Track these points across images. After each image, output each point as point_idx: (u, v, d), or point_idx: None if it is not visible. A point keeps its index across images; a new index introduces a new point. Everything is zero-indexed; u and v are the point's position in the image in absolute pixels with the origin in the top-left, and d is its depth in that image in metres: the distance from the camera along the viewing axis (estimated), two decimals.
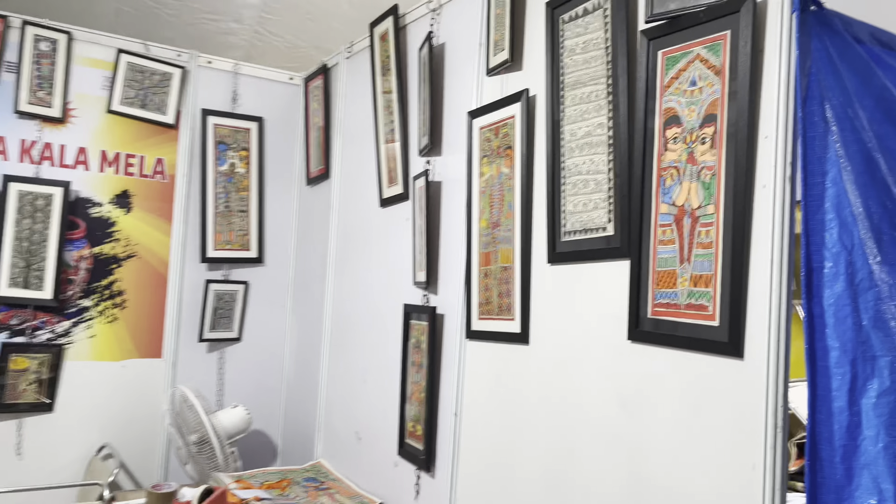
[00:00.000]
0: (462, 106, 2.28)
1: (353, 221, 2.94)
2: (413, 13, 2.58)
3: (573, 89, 1.79)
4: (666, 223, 1.51)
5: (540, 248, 1.89)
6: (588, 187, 1.74)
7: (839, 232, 1.26)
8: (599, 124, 1.71)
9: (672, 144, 1.50)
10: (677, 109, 1.50)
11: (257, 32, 4.58)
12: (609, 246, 1.66)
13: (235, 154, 3.37)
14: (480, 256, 2.11)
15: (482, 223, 2.10)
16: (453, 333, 2.23)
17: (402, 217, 2.58)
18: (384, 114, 2.70)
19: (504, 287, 2.00)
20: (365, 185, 2.87)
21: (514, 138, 1.99)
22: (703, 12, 1.43)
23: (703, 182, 1.43)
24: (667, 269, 1.50)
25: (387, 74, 2.67)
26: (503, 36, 2.05)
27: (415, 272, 2.44)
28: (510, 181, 2.00)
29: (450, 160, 2.34)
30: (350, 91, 3.05)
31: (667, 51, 1.52)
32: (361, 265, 2.85)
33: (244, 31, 4.59)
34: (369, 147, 2.83)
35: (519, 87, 2.01)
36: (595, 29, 1.73)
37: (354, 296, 2.88)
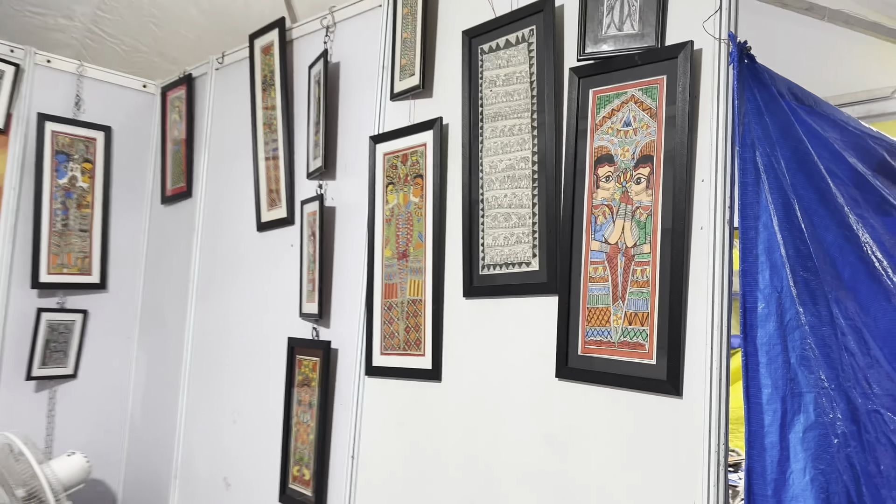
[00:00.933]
0: (360, 129, 2.18)
1: (222, 245, 2.70)
2: (302, 28, 2.44)
3: (494, 121, 1.76)
4: (597, 260, 1.51)
5: (455, 281, 1.83)
6: (510, 221, 1.71)
7: (770, 274, 1.33)
8: (523, 158, 1.69)
9: (604, 183, 1.52)
10: (610, 148, 1.51)
11: (91, 32, 4.13)
12: (534, 281, 1.64)
13: (77, 166, 2.97)
14: (384, 287, 2.00)
15: (386, 253, 2.01)
16: (349, 369, 2.09)
17: (285, 243, 2.41)
18: (265, 131, 2.51)
19: (412, 321, 1.91)
20: (238, 207, 2.64)
21: (425, 167, 1.92)
22: (638, 56, 1.47)
23: (637, 221, 1.45)
24: (599, 307, 1.50)
25: (269, 90, 2.50)
26: (412, 61, 1.99)
27: (302, 303, 2.27)
28: (420, 210, 1.92)
29: (346, 185, 2.21)
30: (220, 104, 2.82)
31: (599, 90, 1.54)
32: (233, 294, 2.61)
33: (75, 29, 4.11)
34: (245, 166, 2.62)
35: (430, 114, 1.95)
36: (518, 62, 1.72)
37: (223, 327, 2.63)
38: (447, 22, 1.96)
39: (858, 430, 1.42)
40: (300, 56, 2.45)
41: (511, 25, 1.73)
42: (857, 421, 1.42)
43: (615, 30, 1.52)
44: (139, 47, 4.23)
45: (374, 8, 2.19)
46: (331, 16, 2.31)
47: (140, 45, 4.22)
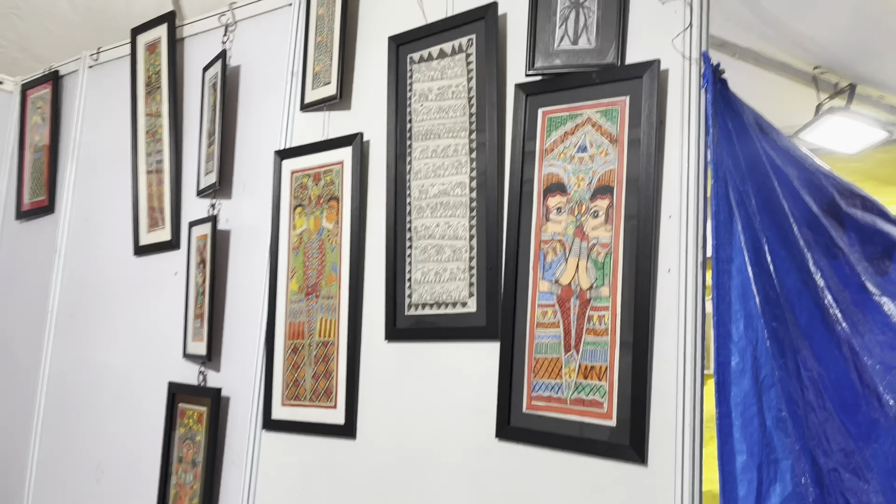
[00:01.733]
0: (263, 142, 1.90)
1: (90, 271, 2.31)
2: (196, 25, 2.14)
3: (424, 140, 1.55)
4: (547, 303, 1.32)
5: (375, 321, 1.59)
6: (443, 254, 1.49)
7: (745, 324, 1.19)
8: (459, 183, 1.49)
9: (555, 215, 1.33)
10: (561, 176, 1.34)
11: None
12: (470, 325, 1.43)
13: None
14: (288, 326, 1.73)
15: (292, 286, 1.73)
16: (243, 422, 1.79)
17: (168, 270, 2.07)
18: (148, 140, 2.17)
19: (322, 367, 1.65)
20: (111, 226, 2.27)
21: (341, 188, 1.67)
22: (596, 73, 1.30)
23: (594, 260, 1.28)
24: (548, 357, 1.31)
25: (154, 93, 2.16)
26: (327, 67, 1.74)
27: (187, 342, 1.94)
28: (335, 238, 1.67)
29: (244, 205, 1.92)
30: (93, 107, 2.44)
31: (549, 110, 1.36)
32: (102, 328, 2.22)
33: None
34: (121, 178, 2.26)
35: (348, 128, 1.70)
36: (454, 75, 1.52)
37: (89, 367, 2.23)
38: (370, 25, 1.74)
39: (822, 493, 1.30)
40: (193, 56, 2.14)
41: (446, 33, 1.53)
42: (821, 484, 1.30)
43: (569, 43, 1.35)
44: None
45: (283, 7, 1.94)
46: (231, 13, 2.03)
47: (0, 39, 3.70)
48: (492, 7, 1.46)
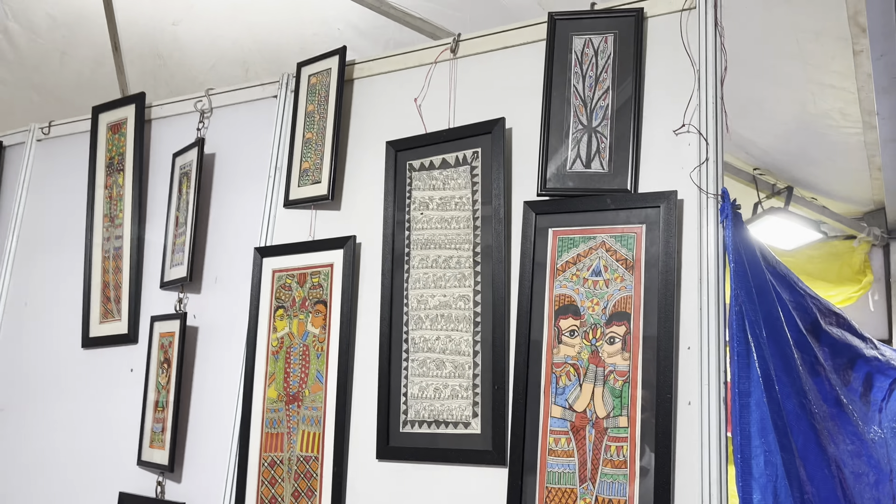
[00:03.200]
0: (239, 236, 1.81)
1: (27, 361, 2.10)
2: (169, 108, 2.05)
3: (424, 249, 1.51)
4: (560, 430, 1.29)
5: (364, 436, 1.50)
6: (444, 369, 1.44)
7: (764, 460, 1.19)
8: (462, 296, 1.45)
9: (568, 338, 1.31)
10: (574, 298, 1.32)
11: None
12: (474, 447, 1.37)
13: None
14: (264, 437, 1.61)
15: (270, 393, 1.63)
16: None
17: (123, 366, 1.91)
18: (105, 224, 2.04)
19: (304, 483, 1.54)
20: (56, 313, 2.09)
21: (329, 292, 1.61)
22: (611, 198, 1.31)
23: (611, 388, 1.26)
24: (562, 487, 1.26)
25: (116, 175, 2.04)
26: (317, 166, 1.70)
27: (143, 448, 1.78)
28: (321, 345, 1.59)
29: (214, 301, 1.81)
30: (40, 184, 2.27)
31: (561, 231, 1.36)
32: (38, 427, 2.01)
33: None
34: (70, 264, 2.10)
35: (337, 229, 1.65)
36: (458, 186, 1.50)
37: (21, 472, 2.00)
38: (364, 127, 1.71)
39: None
40: (160, 140, 2.04)
41: (450, 144, 1.52)
42: None
43: (581, 166, 1.36)
44: None
45: (266, 98, 1.89)
46: (207, 99, 1.96)
47: None
48: (499, 122, 1.46)
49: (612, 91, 1.37)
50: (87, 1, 2.99)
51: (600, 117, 1.36)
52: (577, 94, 1.39)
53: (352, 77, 1.74)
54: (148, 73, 3.30)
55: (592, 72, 1.39)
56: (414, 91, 1.64)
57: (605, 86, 1.37)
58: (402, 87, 1.67)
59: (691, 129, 1.29)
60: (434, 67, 1.63)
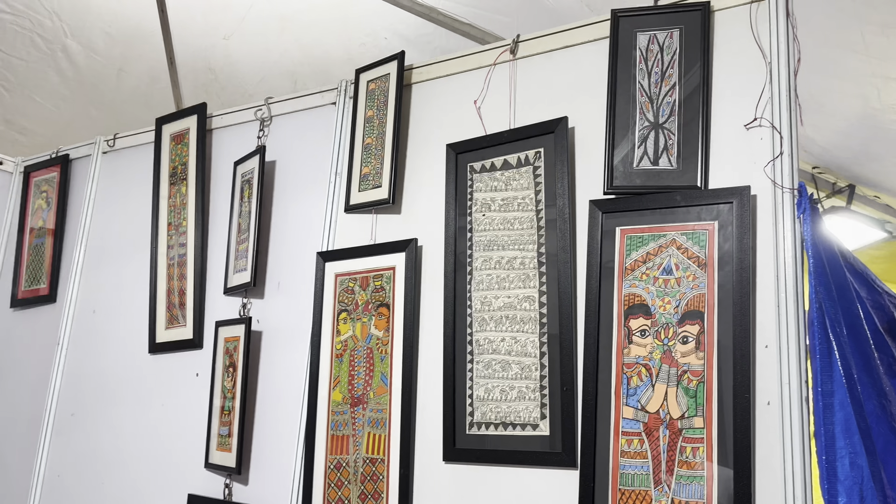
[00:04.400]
0: (301, 242, 1.84)
1: (97, 367, 2.17)
2: (230, 117, 2.09)
3: (487, 250, 1.51)
4: (632, 431, 1.26)
5: (430, 439, 1.50)
6: (509, 371, 1.43)
7: (850, 462, 1.15)
8: (527, 297, 1.44)
9: (639, 338, 1.29)
10: (645, 297, 1.30)
11: None
12: (543, 449, 1.36)
13: None
14: (329, 440, 1.62)
15: (335, 396, 1.64)
16: None
17: (189, 371, 1.95)
18: (170, 232, 2.09)
19: (370, 486, 1.54)
20: (122, 321, 2.15)
21: (392, 295, 1.61)
22: (680, 195, 1.29)
23: (685, 388, 1.23)
24: (635, 489, 1.24)
25: (180, 184, 2.09)
26: (377, 171, 1.71)
27: (210, 451, 1.82)
28: (385, 347, 1.60)
29: (277, 306, 1.84)
30: (106, 194, 2.34)
31: (629, 229, 1.34)
32: (108, 430, 2.07)
33: None
34: (135, 270, 2.16)
35: (398, 233, 1.66)
36: (520, 187, 1.49)
37: (92, 473, 2.06)
38: (423, 131, 1.72)
39: None
40: (222, 149, 2.09)
41: (511, 145, 1.52)
42: None
43: (649, 163, 1.34)
44: None
45: (325, 105, 1.91)
46: (267, 108, 2.00)
47: None
48: (562, 121, 1.45)
49: (678, 87, 1.35)
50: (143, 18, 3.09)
51: (667, 113, 1.35)
52: (642, 91, 1.37)
53: (410, 82, 1.76)
54: (200, 88, 3.38)
55: (658, 68, 1.37)
56: (473, 94, 1.65)
57: (672, 81, 1.35)
58: (460, 91, 1.67)
59: (763, 122, 1.26)
60: (493, 69, 1.63)
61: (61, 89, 3.51)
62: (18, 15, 3.05)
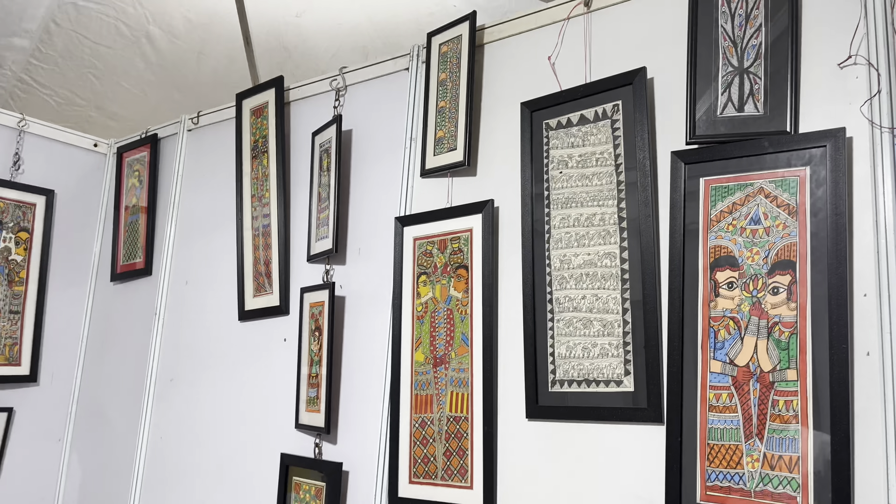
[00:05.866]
0: (378, 208, 1.87)
1: (191, 335, 2.29)
2: (302, 90, 2.14)
3: (565, 208, 1.49)
4: (721, 385, 1.24)
5: (513, 396, 1.52)
6: (591, 328, 1.42)
7: None
8: (608, 254, 1.42)
9: (726, 290, 1.26)
10: (732, 249, 1.26)
11: (21, 81, 3.71)
12: (628, 405, 1.35)
13: (11, 236, 2.51)
14: (414, 399, 1.66)
15: (418, 356, 1.67)
16: (365, 498, 1.72)
17: (277, 336, 2.03)
18: (254, 204, 2.16)
19: (455, 443, 1.58)
20: (213, 290, 2.25)
21: (470, 256, 1.62)
22: (768, 141, 1.24)
23: (776, 340, 1.19)
24: (724, 444, 1.22)
25: (261, 157, 2.16)
26: (453, 134, 1.71)
27: (300, 412, 1.89)
28: (465, 308, 1.61)
29: (358, 272, 1.88)
30: (193, 170, 2.45)
31: (713, 179, 1.30)
32: (204, 394, 2.19)
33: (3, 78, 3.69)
34: (223, 242, 2.25)
35: (474, 194, 1.66)
36: (599, 142, 1.47)
37: (191, 434, 2.19)
38: (496, 91, 1.70)
39: None
40: (301, 120, 2.14)
41: (587, 99, 1.49)
42: None
43: (734, 110, 1.29)
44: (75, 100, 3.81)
45: (398, 72, 1.92)
46: (342, 77, 2.03)
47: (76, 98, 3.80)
48: (641, 72, 1.41)
49: (764, 28, 1.29)
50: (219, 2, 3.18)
51: (752, 57, 1.29)
52: (725, 35, 1.32)
53: (482, 42, 1.74)
54: (276, 66, 3.46)
55: (742, 9, 1.31)
56: (546, 50, 1.62)
57: (757, 23, 1.29)
58: (533, 48, 1.65)
59: (859, 60, 1.19)
60: (567, 24, 1.59)
61: (146, 74, 3.66)
62: (103, 4, 3.20)
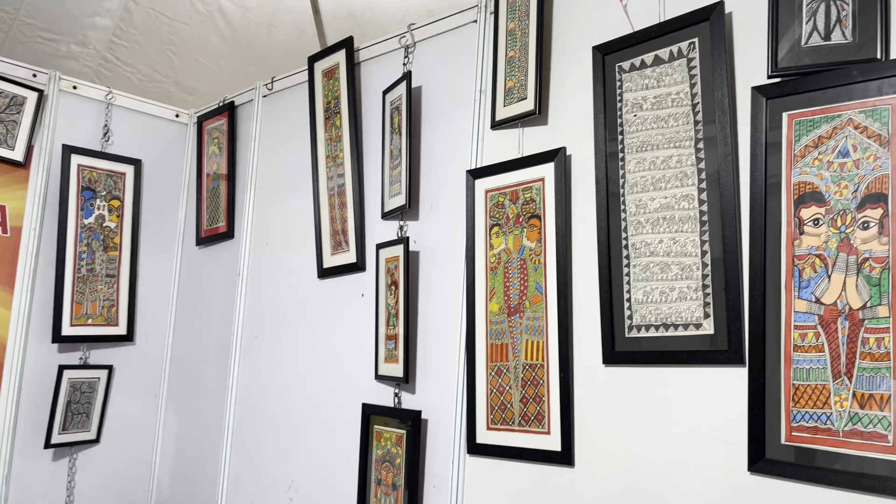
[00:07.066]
0: (449, 162, 1.88)
1: (273, 293, 2.38)
2: (371, 50, 2.16)
3: (640, 152, 1.47)
4: (806, 325, 1.20)
5: (588, 343, 1.52)
6: (669, 272, 1.40)
7: None
8: (685, 196, 1.39)
9: (811, 227, 1.22)
10: (818, 184, 1.22)
11: (105, 59, 3.88)
12: (708, 348, 1.33)
13: (104, 203, 2.66)
14: (489, 348, 1.68)
15: (492, 307, 1.69)
16: (444, 445, 1.76)
17: (355, 292, 2.09)
18: (329, 164, 2.21)
19: (531, 390, 1.59)
20: (292, 250, 2.33)
21: (542, 206, 1.62)
22: (857, 70, 1.18)
23: (867, 277, 1.15)
24: (811, 384, 1.19)
25: (333, 118, 2.20)
26: (522, 83, 1.70)
27: (379, 363, 1.95)
28: (538, 257, 1.62)
29: (431, 226, 1.91)
30: (269, 135, 2.52)
31: (796, 113, 1.25)
32: (287, 350, 2.28)
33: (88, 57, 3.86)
34: (299, 203, 2.32)
35: (545, 143, 1.65)
36: (674, 82, 1.43)
37: (277, 387, 2.29)
38: (566, 37, 1.68)
39: None
40: (369, 80, 2.16)
41: (661, 39, 1.45)
42: None
43: (819, 39, 1.23)
44: (155, 76, 3.96)
45: (465, 25, 1.92)
46: (410, 34, 2.04)
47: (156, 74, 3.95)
48: (718, 6, 1.36)
49: None
50: None
51: None
52: None
53: None
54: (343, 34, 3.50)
55: None
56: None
57: None
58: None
59: None
60: None
61: (221, 48, 3.77)
62: None
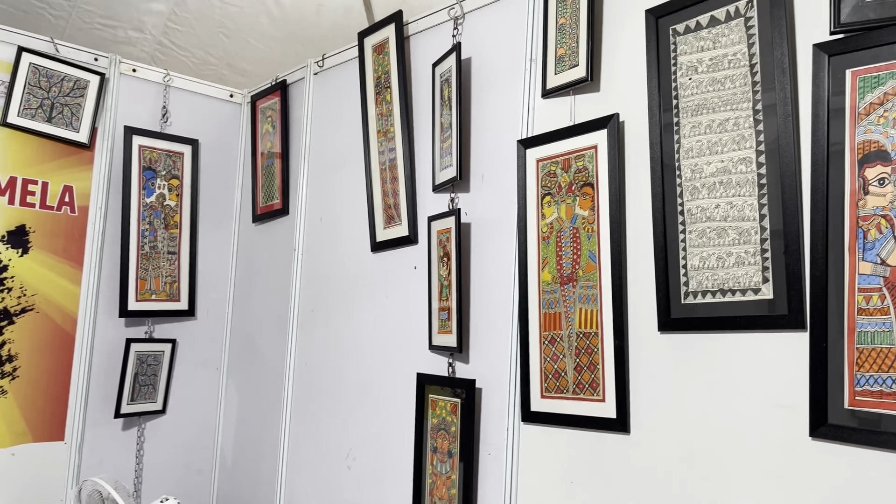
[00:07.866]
0: (499, 133, 1.88)
1: (328, 268, 2.43)
2: (419, 23, 2.16)
3: (695, 115, 1.44)
4: (871, 287, 1.18)
5: (643, 310, 1.51)
6: (726, 237, 1.38)
7: None
8: (743, 159, 1.37)
9: (877, 187, 1.18)
10: (883, 143, 1.18)
11: (161, 44, 3.97)
12: (767, 313, 1.31)
13: (165, 183, 2.75)
14: (542, 318, 1.69)
15: (545, 276, 1.69)
16: (498, 414, 1.78)
17: (407, 264, 2.12)
18: (380, 139, 2.23)
19: (585, 358, 1.60)
20: (346, 225, 2.37)
21: (595, 173, 1.61)
22: None
23: None
24: (875, 347, 1.16)
25: (384, 93, 2.22)
26: (574, 50, 1.68)
27: (432, 334, 1.98)
28: (591, 226, 1.61)
29: (482, 198, 1.92)
30: (320, 112, 2.56)
31: (860, 70, 1.21)
32: (344, 322, 2.33)
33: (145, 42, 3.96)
34: (351, 178, 2.35)
35: (597, 111, 1.64)
36: (731, 43, 1.40)
37: (334, 359, 2.35)
38: (615, 2, 1.65)
39: None
40: (421, 53, 2.17)
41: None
42: None
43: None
44: (208, 59, 4.04)
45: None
46: (459, 6, 2.03)
47: (209, 58, 4.03)
48: None
49: None
50: None
51: None
52: None
53: None
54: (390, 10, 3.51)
55: None
56: None
57: None
58: None
59: None
60: None
61: (271, 30, 3.82)
62: None
